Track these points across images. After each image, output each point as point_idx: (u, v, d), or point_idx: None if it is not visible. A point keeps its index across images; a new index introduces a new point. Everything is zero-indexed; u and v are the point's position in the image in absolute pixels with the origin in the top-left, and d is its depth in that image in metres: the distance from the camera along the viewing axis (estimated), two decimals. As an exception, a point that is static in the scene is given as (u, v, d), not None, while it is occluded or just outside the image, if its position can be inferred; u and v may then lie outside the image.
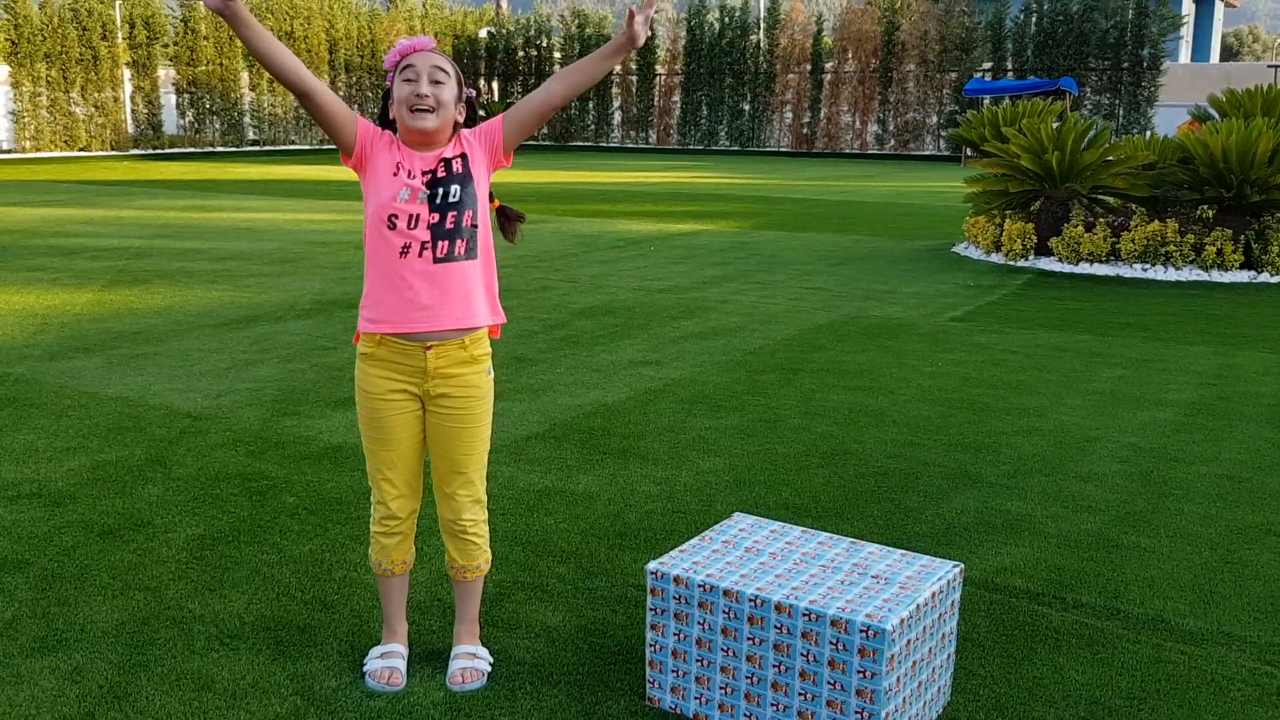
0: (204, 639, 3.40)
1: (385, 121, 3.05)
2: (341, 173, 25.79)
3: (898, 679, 2.73)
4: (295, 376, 6.64)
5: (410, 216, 2.91)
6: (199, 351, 7.25)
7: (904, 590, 2.85)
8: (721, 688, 2.92)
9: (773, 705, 2.84)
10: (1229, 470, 5.15)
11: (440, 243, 2.93)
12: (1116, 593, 3.83)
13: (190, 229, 14.15)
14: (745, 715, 2.89)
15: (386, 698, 3.08)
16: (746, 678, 2.87)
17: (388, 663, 3.19)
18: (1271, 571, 4.01)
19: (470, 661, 3.19)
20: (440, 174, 2.95)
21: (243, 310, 8.73)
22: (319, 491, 4.67)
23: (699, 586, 2.90)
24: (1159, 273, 11.01)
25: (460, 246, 2.96)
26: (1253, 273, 10.91)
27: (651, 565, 2.98)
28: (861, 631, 2.67)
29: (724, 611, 2.87)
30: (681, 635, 2.96)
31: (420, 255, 2.93)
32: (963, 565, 3.05)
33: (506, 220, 3.24)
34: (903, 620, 2.71)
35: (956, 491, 4.82)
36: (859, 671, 2.69)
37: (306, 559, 3.98)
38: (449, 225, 2.93)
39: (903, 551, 3.12)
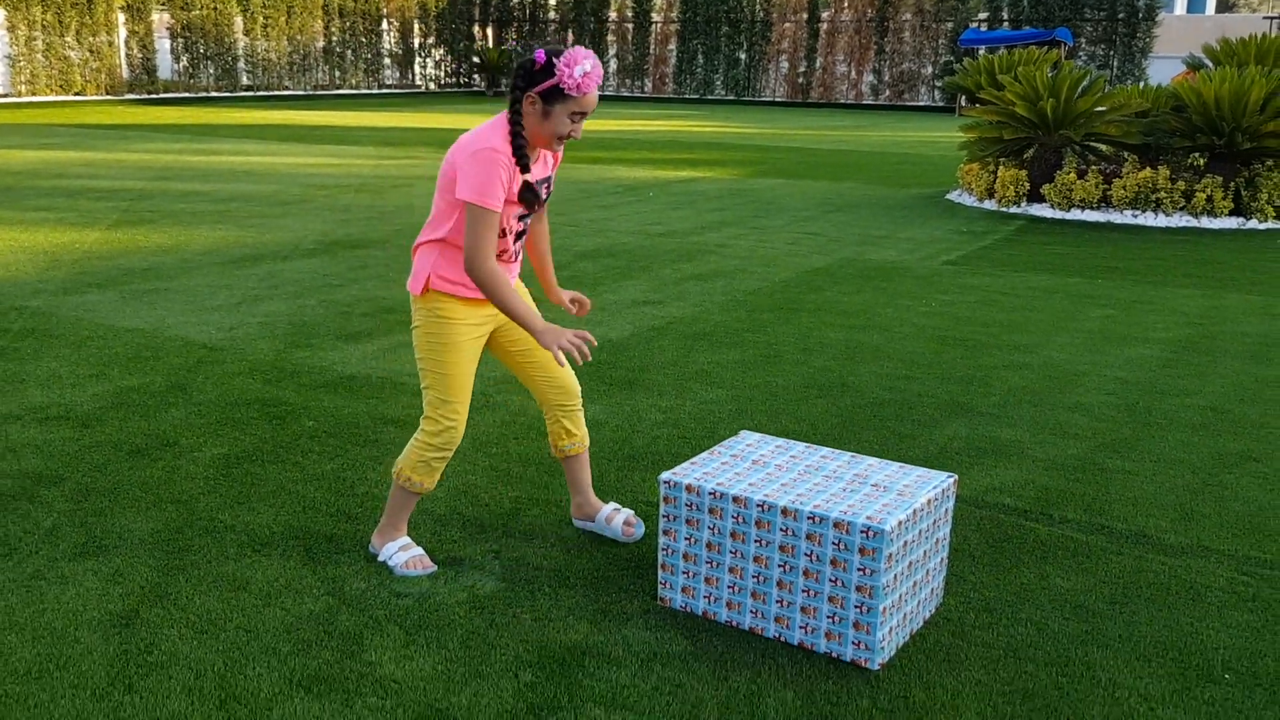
0: (236, 546, 3.58)
1: (515, 101, 3.07)
2: (336, 118, 25.76)
3: (895, 577, 2.92)
4: (305, 312, 6.79)
5: (515, 233, 3.30)
6: (209, 288, 7.39)
7: (901, 496, 3.04)
8: (729, 587, 3.11)
9: (777, 602, 3.04)
10: (1212, 402, 5.35)
11: (518, 243, 3.35)
12: (1101, 510, 4.03)
13: (190, 171, 14.22)
14: (751, 612, 3.09)
15: (414, 596, 3.27)
16: (753, 577, 3.06)
17: (412, 552, 3.44)
18: (1251, 494, 4.21)
19: (626, 512, 3.68)
20: (545, 192, 3.28)
21: (248, 249, 8.86)
22: (336, 416, 4.84)
23: (710, 494, 3.08)
24: (1149, 219, 11.17)
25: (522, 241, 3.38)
26: (1241, 219, 11.08)
27: (665, 475, 3.17)
28: (862, 532, 2.86)
29: (733, 517, 3.06)
30: (692, 539, 3.15)
31: (504, 251, 3.30)
32: (956, 476, 3.24)
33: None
34: (900, 523, 2.90)
35: (948, 420, 5.01)
36: (859, 569, 2.89)
37: (329, 476, 4.16)
38: (522, 229, 3.34)
39: (900, 464, 3.31)
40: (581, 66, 2.98)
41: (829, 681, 2.89)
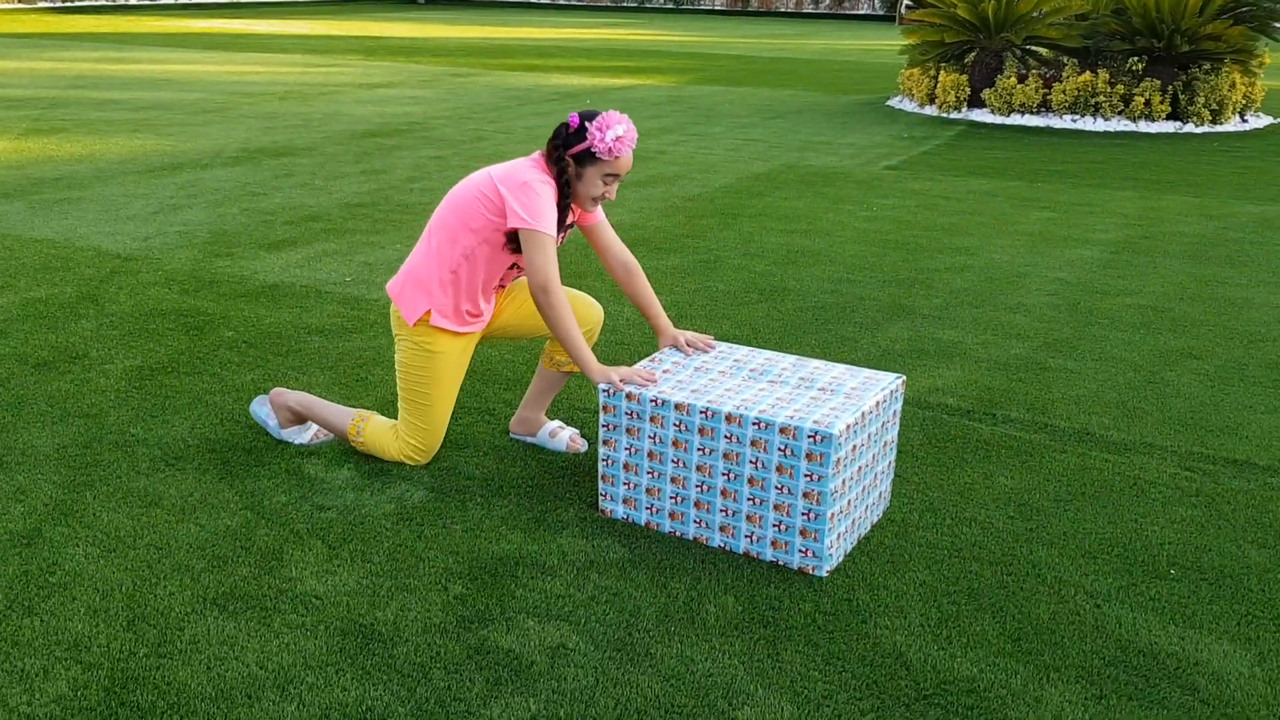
0: (149, 460, 3.40)
1: (560, 160, 3.11)
2: (262, 27, 24.85)
3: (843, 482, 2.82)
4: (226, 220, 6.51)
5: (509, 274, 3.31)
6: (124, 197, 7.05)
7: (849, 400, 2.92)
8: (672, 497, 3.00)
9: (721, 511, 2.93)
10: (1152, 302, 5.31)
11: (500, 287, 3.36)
12: (1044, 409, 3.97)
13: (107, 80, 13.61)
14: (695, 521, 2.98)
15: (337, 509, 3.12)
16: (696, 486, 2.94)
17: (313, 428, 3.54)
18: (1192, 390, 4.17)
19: (571, 430, 3.57)
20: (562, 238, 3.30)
21: (167, 157, 8.48)
22: (257, 326, 4.63)
23: (650, 401, 2.95)
24: (1088, 123, 11.10)
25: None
26: (1178, 123, 11.06)
27: (603, 384, 3.02)
28: (810, 437, 2.74)
29: (675, 425, 2.93)
30: (633, 449, 3.02)
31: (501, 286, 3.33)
32: (904, 378, 3.13)
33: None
34: (849, 426, 2.79)
35: (890, 322, 4.92)
36: (806, 475, 2.78)
37: (249, 387, 3.97)
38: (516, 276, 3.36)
39: (847, 365, 3.19)
40: (614, 131, 3.03)
41: (771, 586, 2.79)
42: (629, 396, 2.98)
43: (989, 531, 3.09)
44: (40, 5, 29.89)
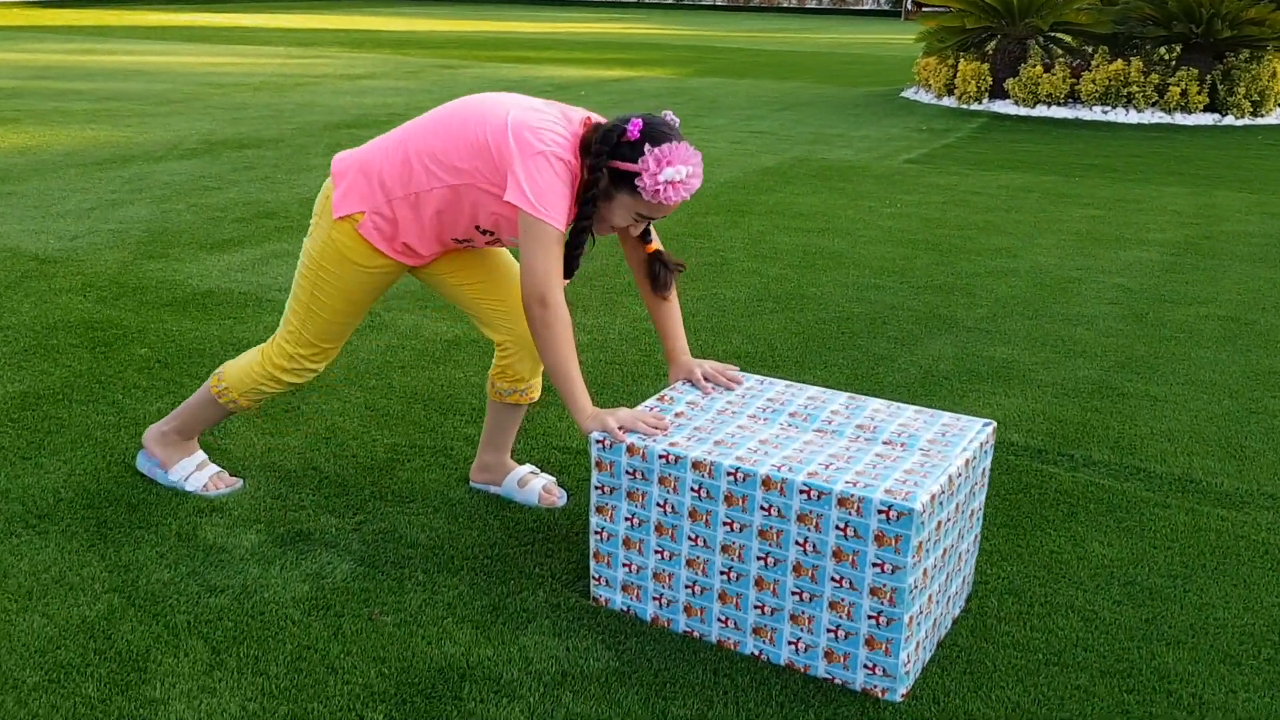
0: (4, 519, 2.64)
1: (598, 168, 2.30)
2: (247, 20, 24.09)
3: (924, 572, 2.06)
4: (169, 217, 5.75)
5: (480, 241, 2.55)
6: (61, 191, 6.29)
7: (928, 458, 2.16)
8: (688, 586, 2.24)
9: (756, 608, 2.17)
10: (1231, 312, 4.56)
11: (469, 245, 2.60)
12: (1132, 448, 3.21)
13: (74, 70, 12.85)
14: (720, 619, 2.22)
15: (234, 591, 2.37)
16: (722, 573, 2.19)
17: (210, 470, 2.83)
18: (1304, 422, 3.42)
19: (545, 477, 2.85)
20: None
21: (118, 149, 7.72)
22: (178, 342, 3.88)
23: (659, 458, 2.19)
24: (1120, 115, 10.35)
25: None
26: (1217, 115, 10.31)
27: (597, 433, 2.26)
28: (881, 513, 1.98)
29: (692, 489, 2.17)
30: (635, 520, 2.26)
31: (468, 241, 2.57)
32: (994, 424, 2.37)
33: (656, 272, 2.56)
34: (933, 497, 2.03)
35: (931, 336, 4.16)
36: (875, 565, 2.02)
37: (152, 419, 3.21)
38: (489, 241, 2.56)
39: (917, 408, 2.43)
40: (673, 172, 2.23)
41: (810, 713, 2.04)
42: (630, 450, 2.22)
43: (1093, 625, 2.34)
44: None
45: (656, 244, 2.55)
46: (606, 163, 2.27)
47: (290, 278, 4.67)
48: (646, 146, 2.23)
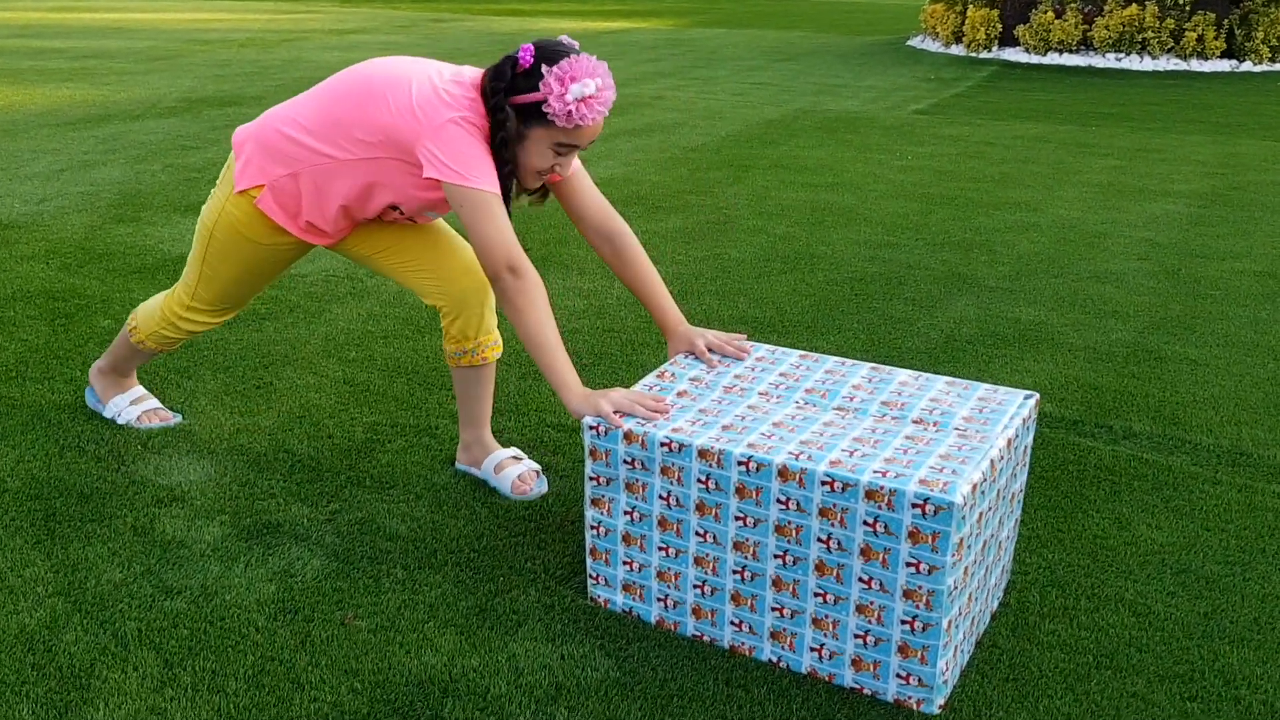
0: (-57, 515, 2.41)
1: (498, 110, 2.07)
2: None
3: (965, 570, 1.82)
4: (142, 178, 5.47)
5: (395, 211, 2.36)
6: (31, 153, 6.01)
7: (965, 440, 1.91)
8: (696, 586, 2.00)
9: (774, 610, 1.92)
10: (1268, 266, 4.30)
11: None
12: (1175, 418, 2.97)
13: (52, 28, 12.49)
14: (733, 623, 1.98)
15: (190, 593, 2.13)
16: (735, 572, 1.95)
17: (147, 404, 2.81)
18: (1356, 386, 3.17)
19: (527, 463, 2.56)
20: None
21: (94, 108, 7.42)
22: (145, 312, 3.62)
23: (661, 445, 1.94)
24: (1134, 62, 10.02)
25: None
26: (1234, 62, 9.97)
27: (590, 418, 2.02)
28: (916, 507, 1.74)
29: (699, 479, 1.92)
30: (635, 514, 2.02)
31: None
32: (1037, 396, 2.11)
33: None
34: (974, 487, 1.78)
35: (951, 297, 3.90)
36: (909, 564, 1.77)
37: (112, 399, 2.96)
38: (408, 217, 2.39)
39: (948, 379, 2.17)
40: (581, 87, 2.02)
41: (836, 731, 1.81)
42: (628, 437, 1.97)
43: (1147, 620, 2.10)
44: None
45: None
46: (507, 100, 2.04)
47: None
48: (544, 68, 2.01)
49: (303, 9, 15.73)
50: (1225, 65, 9.90)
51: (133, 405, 2.80)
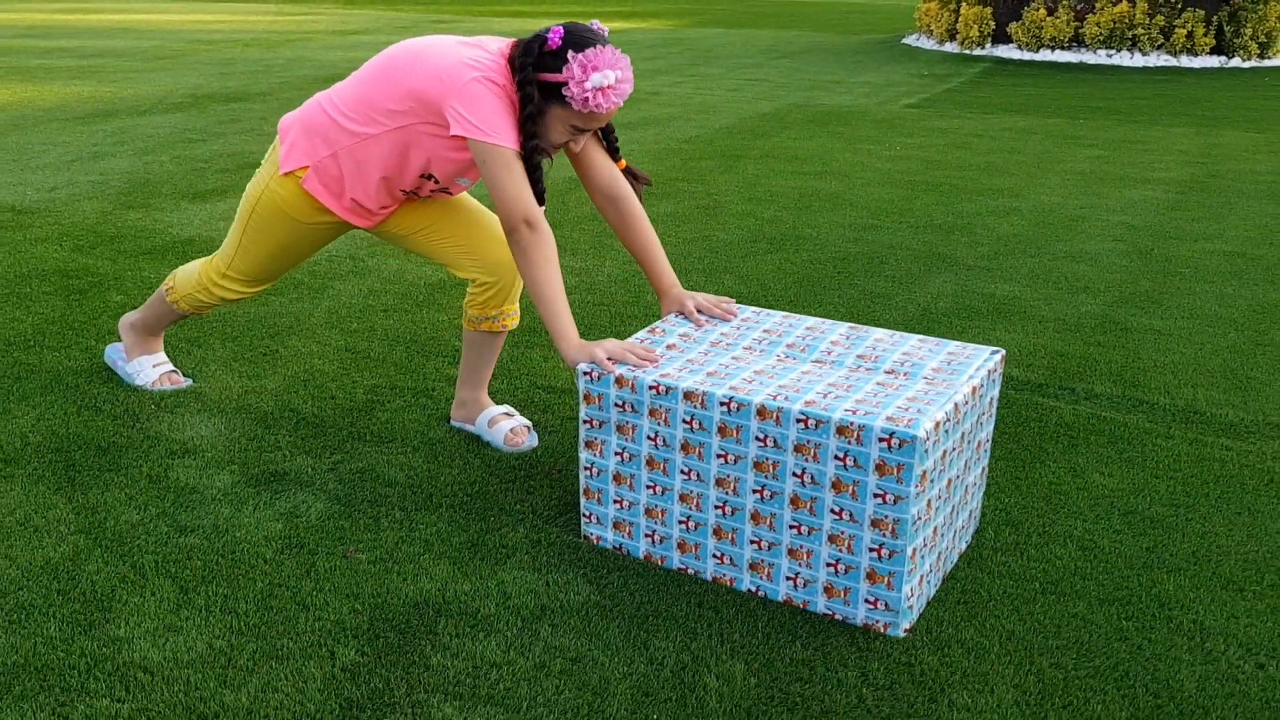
0: (-30, 465, 2.57)
1: (527, 83, 2.21)
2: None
3: (928, 503, 1.97)
4: (151, 168, 5.64)
5: (429, 189, 2.50)
6: (41, 145, 6.18)
7: (932, 386, 2.07)
8: (681, 521, 2.15)
9: (753, 542, 2.08)
10: (1237, 247, 4.45)
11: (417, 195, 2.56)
12: (1135, 381, 3.12)
13: (61, 29, 12.68)
14: (715, 555, 2.14)
15: (203, 531, 2.29)
16: (716, 507, 2.10)
17: (165, 368, 2.98)
18: (1312, 353, 3.33)
19: (518, 419, 2.72)
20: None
21: (102, 104, 7.59)
22: (155, 287, 3.78)
23: (649, 389, 2.10)
24: (1125, 59, 10.17)
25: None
26: (1224, 58, 10.13)
27: (584, 364, 2.18)
28: (882, 441, 1.89)
29: (684, 420, 2.08)
30: (626, 455, 2.18)
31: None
32: (1003, 352, 2.27)
33: (634, 181, 2.49)
34: (937, 424, 1.94)
35: (929, 274, 4.06)
36: (877, 495, 1.93)
37: (126, 365, 3.13)
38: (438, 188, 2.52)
39: (921, 337, 2.33)
40: (602, 76, 2.16)
41: (798, 645, 1.96)
42: (619, 381, 2.13)
43: (1092, 554, 2.26)
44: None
45: (624, 161, 2.46)
46: (534, 76, 2.19)
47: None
48: (570, 53, 2.16)
49: (305, 11, 15.92)
50: (1214, 61, 10.06)
51: (154, 368, 2.96)
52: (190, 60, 10.06)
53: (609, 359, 2.14)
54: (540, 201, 2.27)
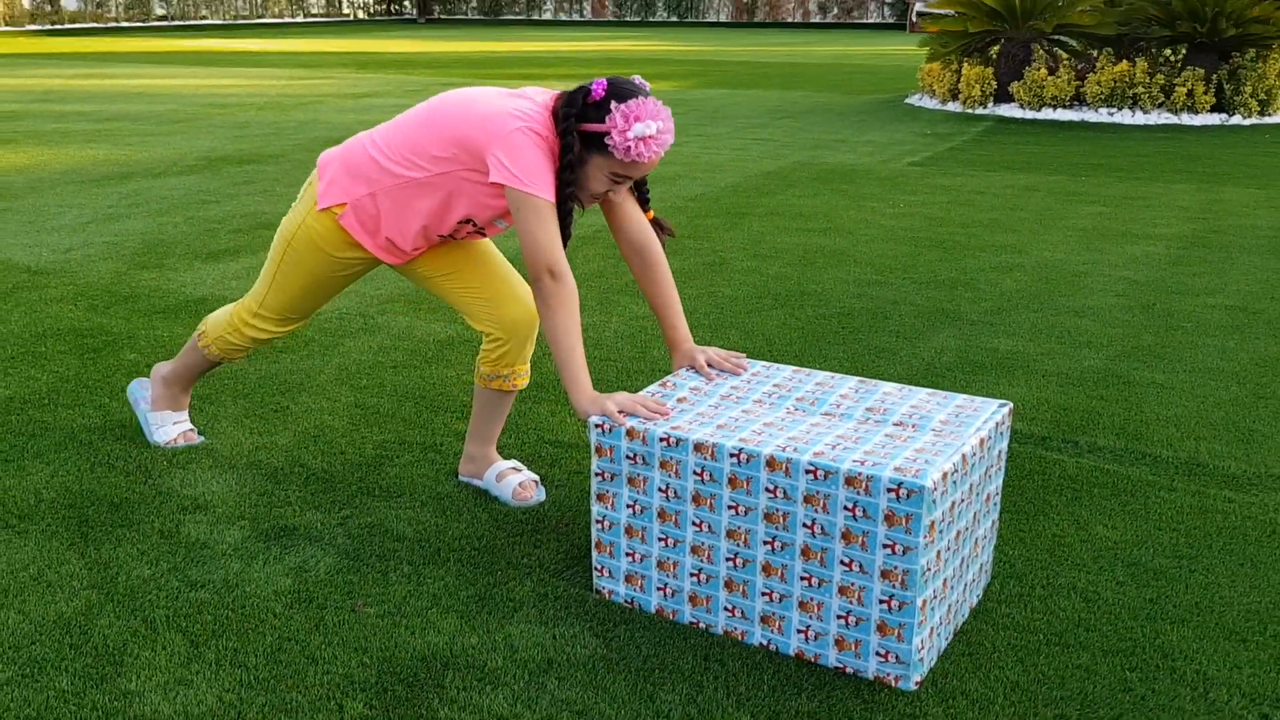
0: (-15, 521, 2.60)
1: (568, 132, 2.28)
2: (254, 45, 24.22)
3: (937, 554, 1.99)
4: (165, 229, 5.73)
5: (468, 231, 2.56)
6: (57, 207, 6.28)
7: (940, 438, 2.10)
8: (693, 574, 2.17)
9: (764, 594, 2.10)
10: (1239, 301, 4.49)
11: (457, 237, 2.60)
12: (1138, 434, 3.14)
13: (76, 94, 12.91)
14: (726, 609, 2.16)
15: (214, 585, 2.32)
16: (728, 559, 2.13)
17: (185, 428, 3.02)
18: (1314, 406, 3.35)
19: (526, 474, 2.76)
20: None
21: (118, 167, 7.72)
22: (168, 347, 3.84)
23: (660, 441, 2.14)
24: (1126, 117, 10.29)
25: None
26: (1224, 115, 10.24)
27: (596, 416, 2.22)
28: (890, 492, 1.92)
29: (695, 472, 2.11)
30: (637, 507, 2.20)
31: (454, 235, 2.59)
32: (1010, 405, 2.30)
33: (660, 231, 2.56)
34: (945, 475, 1.97)
35: (933, 330, 4.10)
36: (886, 546, 1.95)
37: (136, 422, 3.17)
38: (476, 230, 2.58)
39: (930, 391, 2.36)
40: (643, 128, 2.22)
41: (802, 697, 1.97)
42: (630, 434, 2.16)
43: (1095, 605, 2.27)
44: (29, 28, 29.37)
45: (652, 211, 2.52)
46: (576, 126, 2.25)
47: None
48: (613, 104, 2.21)
49: (318, 75, 16.18)
50: (1216, 118, 10.17)
51: (174, 425, 3.00)
52: (204, 124, 10.23)
53: (620, 412, 2.18)
54: (565, 215, 2.33)
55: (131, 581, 2.34)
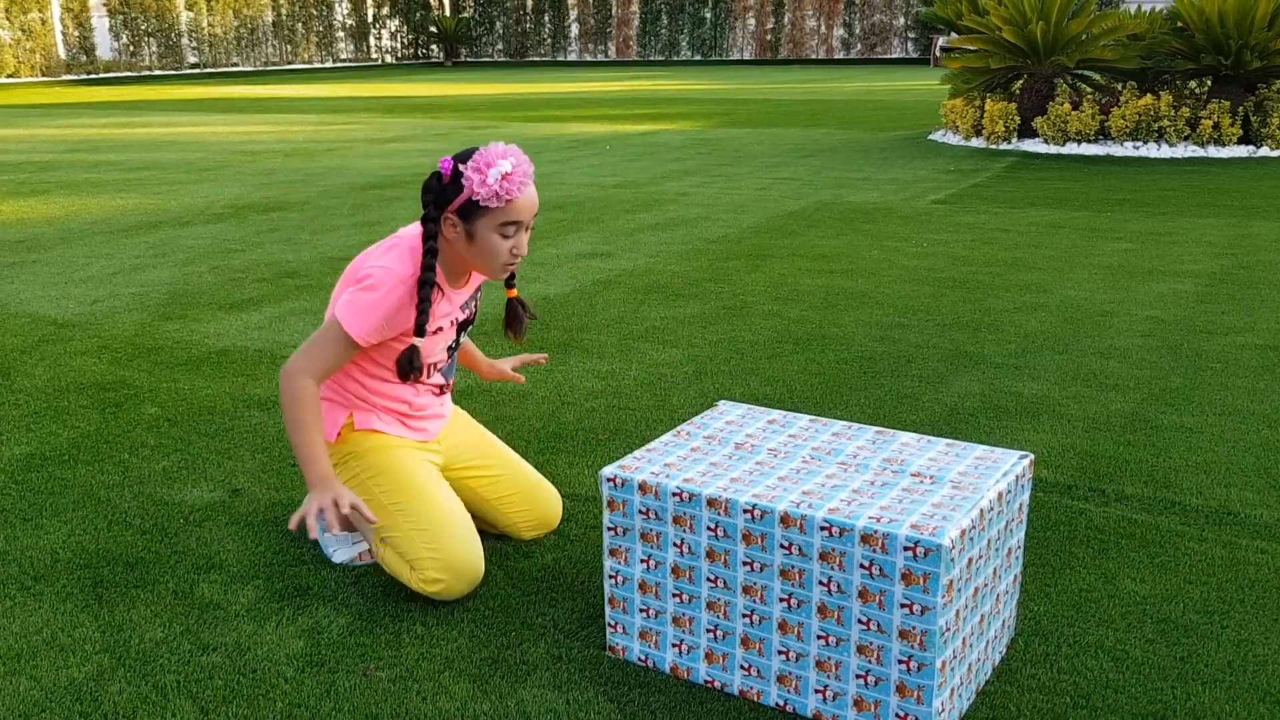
0: None
1: (431, 221, 2.38)
2: (284, 91, 24.54)
3: (956, 613, 1.95)
4: (191, 279, 5.77)
5: (429, 366, 2.59)
6: (85, 258, 6.35)
7: (959, 491, 2.06)
8: (708, 630, 2.14)
9: (780, 653, 2.06)
10: (1270, 340, 4.41)
11: (441, 376, 2.66)
12: (1167, 481, 3.08)
13: (108, 143, 13.10)
14: (743, 667, 2.12)
15: (225, 649, 2.30)
16: (744, 616, 2.09)
17: (362, 547, 2.72)
18: (1348, 450, 3.27)
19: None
20: (466, 316, 2.63)
21: (146, 216, 7.80)
22: (189, 400, 3.85)
23: (673, 495, 2.10)
24: (1152, 150, 10.22)
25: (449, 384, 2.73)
26: (1251, 147, 10.15)
27: (608, 470, 2.18)
28: (907, 550, 1.88)
29: (709, 528, 2.08)
30: (651, 563, 2.17)
31: (424, 393, 2.64)
32: (1031, 457, 2.26)
33: (516, 315, 2.63)
34: (963, 532, 1.93)
35: (956, 374, 4.05)
36: (903, 605, 1.91)
37: (157, 478, 3.17)
38: (448, 360, 2.66)
39: (949, 441, 2.32)
40: (497, 169, 2.29)
41: (820, 764, 1.92)
42: (643, 487, 2.13)
43: (1124, 665, 2.21)
44: (65, 78, 29.88)
45: (515, 290, 2.60)
46: (445, 211, 2.35)
47: (302, 335, 4.65)
48: (460, 169, 2.31)
49: (345, 120, 16.35)
50: (1243, 150, 10.08)
51: (354, 545, 2.71)
52: (233, 171, 10.34)
53: (319, 508, 2.23)
54: (419, 333, 2.37)
55: (144, 645, 2.32)
